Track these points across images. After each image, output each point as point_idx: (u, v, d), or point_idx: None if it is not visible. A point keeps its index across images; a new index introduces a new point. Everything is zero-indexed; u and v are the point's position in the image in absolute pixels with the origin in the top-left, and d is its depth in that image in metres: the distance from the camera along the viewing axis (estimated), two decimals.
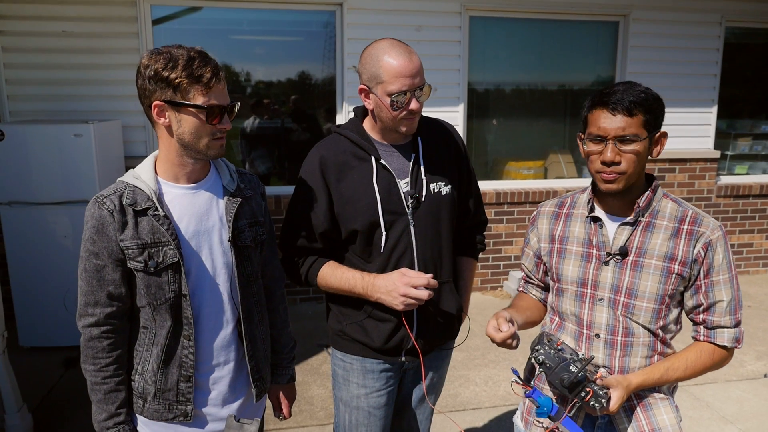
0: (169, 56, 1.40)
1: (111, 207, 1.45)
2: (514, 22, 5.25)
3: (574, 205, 1.68)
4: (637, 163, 1.48)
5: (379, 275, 1.76)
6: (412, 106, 1.70)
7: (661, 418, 1.57)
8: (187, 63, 1.39)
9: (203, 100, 1.42)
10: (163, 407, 1.55)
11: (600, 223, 1.58)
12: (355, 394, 1.91)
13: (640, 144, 1.46)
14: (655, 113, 1.47)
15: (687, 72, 5.48)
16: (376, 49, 1.70)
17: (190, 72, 1.39)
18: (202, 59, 1.42)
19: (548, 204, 1.76)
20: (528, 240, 1.80)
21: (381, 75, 1.68)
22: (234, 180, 1.63)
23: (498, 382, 3.76)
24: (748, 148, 6.05)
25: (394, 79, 1.66)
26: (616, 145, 1.46)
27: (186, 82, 1.39)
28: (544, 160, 5.66)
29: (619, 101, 1.45)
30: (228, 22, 4.82)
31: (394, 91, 1.67)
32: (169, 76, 1.38)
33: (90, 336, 1.50)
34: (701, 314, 1.54)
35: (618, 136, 1.45)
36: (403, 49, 1.68)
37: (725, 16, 5.48)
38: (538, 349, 1.47)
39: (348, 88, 4.91)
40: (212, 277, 1.57)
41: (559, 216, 1.69)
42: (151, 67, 1.40)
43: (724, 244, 1.50)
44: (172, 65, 1.38)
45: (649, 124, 1.47)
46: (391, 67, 1.66)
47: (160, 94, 1.41)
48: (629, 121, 1.44)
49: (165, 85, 1.40)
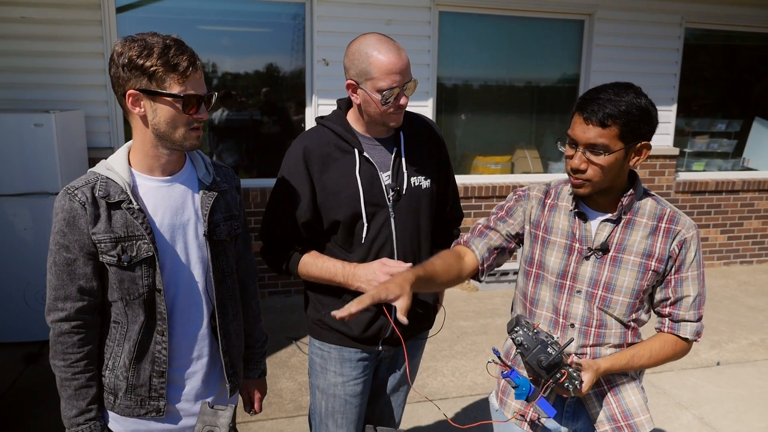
0: (144, 43, 1.37)
1: (83, 199, 1.42)
2: (483, 19, 5.31)
3: (558, 197, 1.69)
4: (604, 174, 1.48)
5: (360, 265, 1.78)
6: (401, 102, 1.74)
7: (629, 399, 1.65)
8: (163, 51, 1.36)
9: (179, 89, 1.39)
10: (135, 403, 1.54)
11: (584, 219, 1.61)
12: (332, 382, 1.93)
13: (611, 156, 1.45)
14: (635, 125, 1.44)
15: (648, 71, 5.64)
16: (365, 44, 1.71)
17: (166, 60, 1.36)
18: (179, 47, 1.39)
19: (535, 189, 1.72)
20: (514, 211, 1.73)
21: (371, 71, 1.69)
22: (210, 173, 1.62)
23: (465, 373, 3.83)
24: (705, 145, 6.27)
25: (385, 76, 1.68)
26: (585, 154, 1.47)
27: (162, 70, 1.37)
28: (511, 155, 5.75)
29: (594, 112, 1.44)
30: (195, 12, 4.73)
31: (384, 87, 1.69)
32: (144, 64, 1.36)
33: (60, 331, 1.47)
34: (668, 307, 1.61)
35: (588, 145, 1.47)
36: (393, 46, 1.70)
37: (685, 18, 5.65)
38: (517, 330, 1.51)
39: (318, 81, 4.88)
40: (187, 272, 1.55)
41: (545, 205, 1.69)
42: (125, 55, 1.36)
43: (696, 243, 1.57)
44: (147, 53, 1.36)
45: (626, 135, 1.45)
46: (382, 64, 1.67)
47: (135, 82, 1.38)
48: (601, 132, 1.44)
49: (140, 74, 1.37)
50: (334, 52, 4.83)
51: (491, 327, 4.59)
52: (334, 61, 4.85)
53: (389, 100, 1.71)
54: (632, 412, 1.64)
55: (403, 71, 1.70)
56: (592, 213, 1.62)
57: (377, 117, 1.78)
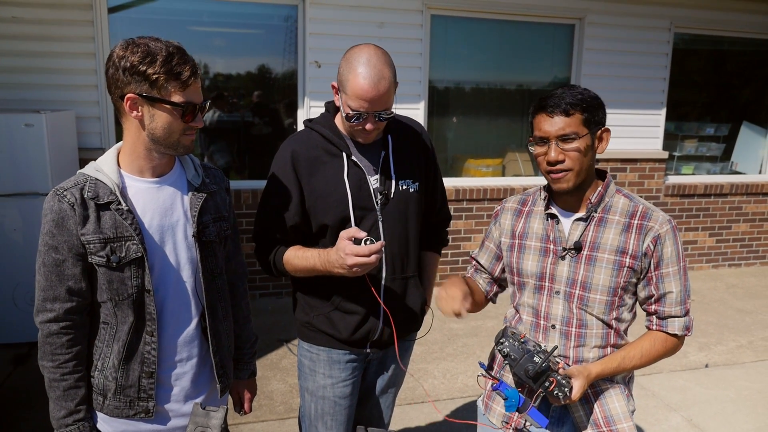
0: (147, 49, 1.37)
1: (72, 200, 1.42)
2: (475, 22, 5.34)
3: (534, 203, 1.75)
4: (580, 160, 1.55)
5: (331, 249, 1.73)
6: (366, 127, 1.73)
7: (612, 406, 1.65)
8: (166, 59, 1.37)
9: (179, 98, 1.40)
10: (124, 404, 1.54)
11: (556, 220, 1.65)
12: (321, 384, 1.94)
13: (581, 141, 1.54)
14: (593, 111, 1.56)
15: (638, 75, 5.69)
16: (356, 56, 1.69)
17: (169, 68, 1.37)
18: (181, 56, 1.40)
19: (511, 200, 1.82)
20: (490, 233, 1.86)
21: (346, 87, 1.70)
22: (199, 174, 1.62)
23: (455, 375, 3.85)
24: (693, 149, 6.33)
25: (354, 98, 1.68)
26: (558, 145, 1.55)
27: (164, 78, 1.37)
28: (502, 158, 5.79)
29: (556, 104, 1.54)
30: (187, 13, 4.73)
31: (352, 106, 1.70)
32: (147, 70, 1.36)
33: (48, 332, 1.47)
34: (653, 305, 1.63)
35: (559, 136, 1.54)
36: (375, 73, 1.66)
37: (674, 23, 5.71)
38: (503, 341, 1.53)
39: (310, 83, 4.89)
40: (176, 273, 1.56)
41: (521, 213, 1.76)
42: (127, 59, 1.37)
43: (673, 237, 1.59)
44: (150, 60, 1.36)
45: (589, 121, 1.55)
46: (356, 86, 1.66)
47: (135, 87, 1.38)
48: (567, 120, 1.53)
49: (141, 79, 1.37)
50: (326, 55, 4.85)
51: (482, 329, 4.61)
52: (326, 63, 4.86)
53: (353, 120, 1.72)
54: (615, 419, 1.65)
55: (373, 101, 1.67)
56: (564, 213, 1.66)
57: (345, 129, 1.82)
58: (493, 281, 1.89)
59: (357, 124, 1.74)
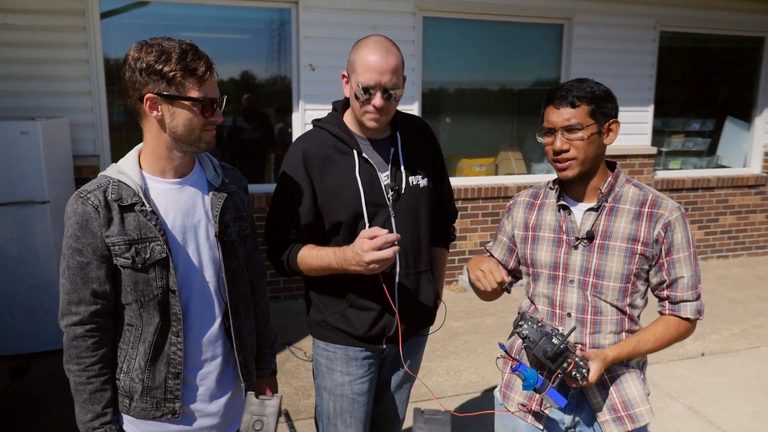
0: (161, 49, 1.39)
1: (95, 202, 1.43)
2: (466, 24, 5.40)
3: (546, 196, 1.79)
4: (585, 149, 1.60)
5: (347, 247, 1.74)
6: (374, 102, 1.75)
7: (629, 390, 1.69)
8: (181, 56, 1.39)
9: (197, 94, 1.42)
10: (151, 405, 1.54)
11: (568, 210, 1.69)
12: (339, 382, 1.95)
13: (586, 131, 1.59)
14: (600, 103, 1.60)
15: (626, 73, 5.79)
16: (363, 41, 1.78)
17: (184, 65, 1.39)
18: (195, 52, 1.42)
19: (523, 194, 1.86)
20: (502, 227, 1.89)
21: (355, 64, 1.75)
22: (219, 174, 1.64)
23: (459, 372, 3.88)
24: (680, 144, 6.45)
25: (364, 71, 1.73)
26: (563, 135, 1.60)
27: (180, 75, 1.39)
28: (495, 157, 5.84)
29: (563, 96, 1.60)
30: (179, 18, 4.71)
31: (361, 82, 1.73)
32: (163, 69, 1.38)
33: (74, 335, 1.47)
34: (665, 290, 1.67)
35: (564, 126, 1.60)
36: (383, 47, 1.74)
37: (660, 22, 5.82)
38: (521, 324, 1.56)
39: (304, 86, 4.90)
40: (200, 273, 1.57)
41: (534, 206, 1.80)
42: (143, 60, 1.38)
43: (682, 224, 1.63)
44: (165, 58, 1.38)
45: (596, 113, 1.60)
46: (364, 59, 1.73)
47: (153, 86, 1.40)
48: (573, 112, 1.59)
49: (158, 78, 1.39)
50: (320, 57, 4.86)
51: (482, 326, 4.65)
52: (321, 66, 4.88)
53: (362, 96, 1.75)
54: (632, 403, 1.69)
55: (382, 72, 1.72)
56: (575, 204, 1.71)
57: (357, 113, 1.83)
58: (508, 273, 1.91)
59: (366, 102, 1.75)
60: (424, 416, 0.85)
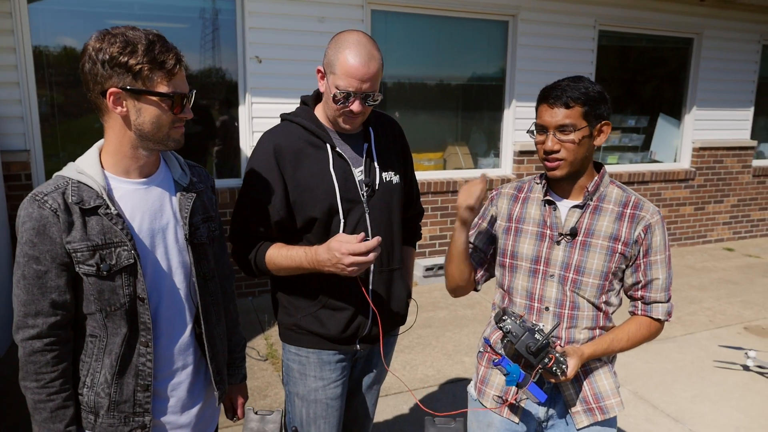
0: (125, 39, 1.29)
1: (54, 206, 1.31)
2: (414, 18, 5.40)
3: (530, 190, 1.80)
4: (576, 151, 1.62)
5: (320, 247, 1.69)
6: (353, 107, 1.71)
7: (601, 383, 1.74)
8: (148, 47, 1.29)
9: (166, 89, 1.33)
10: (119, 420, 1.44)
11: (554, 206, 1.71)
12: (312, 387, 1.90)
13: (578, 133, 1.60)
14: (594, 105, 1.61)
15: (567, 70, 5.95)
16: (345, 39, 1.70)
17: (152, 57, 1.29)
18: (163, 44, 1.32)
19: (507, 187, 1.86)
20: (485, 214, 1.88)
21: (335, 66, 1.69)
22: (186, 173, 1.55)
23: (415, 366, 3.89)
24: (617, 140, 6.73)
25: (344, 76, 1.67)
26: (555, 135, 1.61)
27: (147, 68, 1.29)
28: (443, 151, 5.89)
29: (557, 97, 1.60)
30: (115, 5, 4.45)
31: (340, 86, 1.68)
32: (129, 61, 1.28)
33: (31, 350, 1.35)
34: (639, 291, 1.72)
35: (557, 127, 1.60)
36: (365, 52, 1.67)
37: (599, 21, 6.04)
38: (505, 319, 1.57)
39: (251, 78, 4.76)
40: (169, 278, 1.48)
41: (518, 198, 1.81)
42: (105, 51, 1.28)
43: (661, 227, 1.69)
44: (131, 49, 1.28)
45: (589, 114, 1.61)
46: (346, 64, 1.66)
47: (117, 80, 1.29)
48: (567, 112, 1.59)
49: (123, 71, 1.28)
50: (267, 50, 4.73)
51: (434, 320, 4.69)
52: (267, 59, 4.75)
53: (340, 101, 1.71)
54: (603, 395, 1.74)
55: (364, 79, 1.67)
56: (561, 200, 1.73)
57: (331, 112, 1.78)
58: (484, 261, 1.89)
59: (344, 106, 1.71)
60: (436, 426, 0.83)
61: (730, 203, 7.26)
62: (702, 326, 4.71)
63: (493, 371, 1.80)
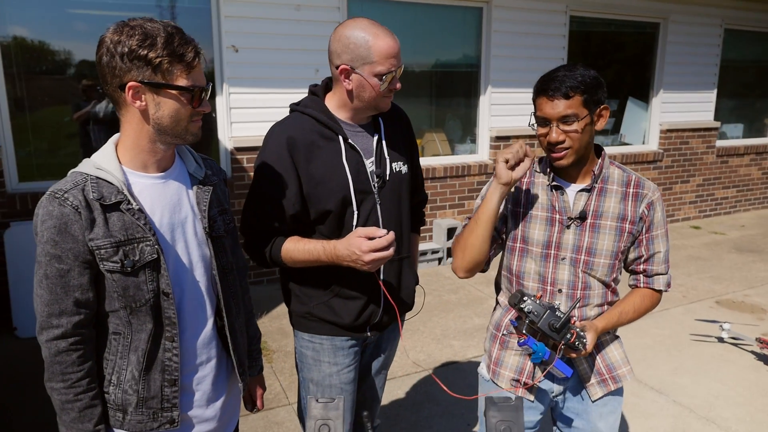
0: (144, 31, 1.26)
1: (75, 203, 1.29)
2: (390, 5, 5.39)
3: (534, 175, 1.83)
4: (580, 139, 1.66)
5: (338, 242, 1.71)
6: (396, 86, 1.78)
7: (612, 354, 1.83)
8: (167, 40, 1.27)
9: (186, 82, 1.31)
10: (148, 417, 1.44)
11: (561, 191, 1.75)
12: (327, 372, 1.92)
13: (581, 122, 1.63)
14: (592, 92, 1.64)
15: (540, 56, 6.06)
16: (359, 29, 1.70)
17: (171, 50, 1.27)
18: (182, 36, 1.31)
19: None
20: None
21: (371, 56, 1.69)
22: (201, 166, 1.54)
23: (406, 351, 3.94)
24: None
25: (384, 60, 1.70)
26: (558, 126, 1.64)
27: (167, 61, 1.27)
28: (421, 138, 5.93)
29: (556, 88, 1.62)
30: None
31: (383, 71, 1.70)
32: (148, 54, 1.26)
33: (57, 350, 1.33)
34: (642, 264, 1.79)
35: (559, 118, 1.63)
36: (388, 31, 1.73)
37: (569, 6, 6.14)
38: (525, 299, 1.62)
39: (228, 68, 4.68)
40: (190, 272, 1.47)
41: (522, 184, 1.83)
42: (125, 43, 1.25)
43: (661, 203, 1.77)
44: (150, 42, 1.26)
45: (588, 102, 1.64)
46: (382, 48, 1.69)
47: (137, 74, 1.27)
48: (567, 103, 1.62)
49: (143, 65, 1.26)
50: (244, 39, 4.66)
51: (418, 305, 4.74)
52: (244, 48, 4.68)
53: (385, 83, 1.73)
54: (615, 365, 1.82)
55: (399, 55, 1.74)
56: (567, 185, 1.77)
57: (371, 101, 1.78)
58: (496, 240, 1.88)
59: (389, 87, 1.76)
60: (496, 405, 0.86)
61: (695, 183, 7.52)
62: (677, 302, 4.89)
63: (507, 352, 1.85)
